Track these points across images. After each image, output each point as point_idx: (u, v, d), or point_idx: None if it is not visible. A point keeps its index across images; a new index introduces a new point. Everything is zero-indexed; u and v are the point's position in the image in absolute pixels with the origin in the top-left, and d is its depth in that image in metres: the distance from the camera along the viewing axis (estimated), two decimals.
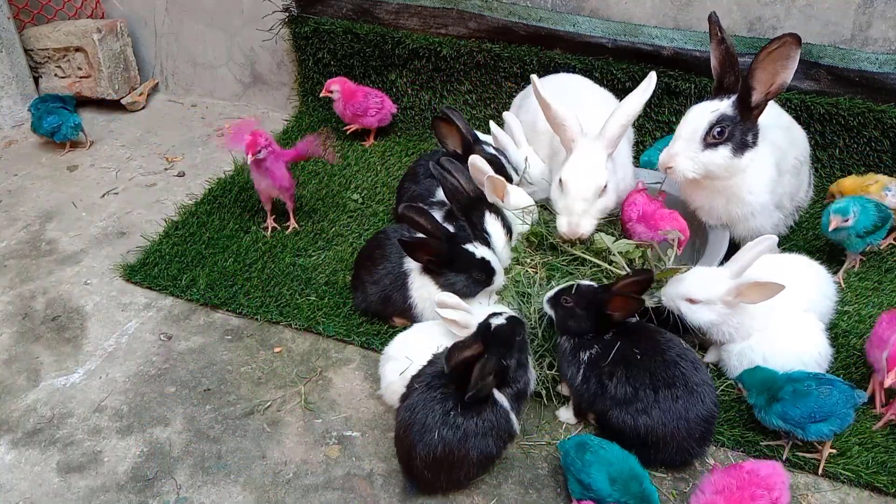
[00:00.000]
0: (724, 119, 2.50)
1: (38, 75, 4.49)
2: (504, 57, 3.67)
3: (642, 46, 3.41)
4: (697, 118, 2.54)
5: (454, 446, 2.07)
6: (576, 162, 2.65)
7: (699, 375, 2.18)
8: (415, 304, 2.64)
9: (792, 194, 2.85)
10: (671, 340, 2.25)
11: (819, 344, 2.37)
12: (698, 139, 2.53)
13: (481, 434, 2.10)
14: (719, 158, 2.53)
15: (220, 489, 2.26)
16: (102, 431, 2.46)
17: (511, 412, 2.19)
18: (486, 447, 2.13)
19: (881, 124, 3.17)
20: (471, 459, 2.11)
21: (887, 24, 3.10)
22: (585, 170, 2.62)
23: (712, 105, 2.54)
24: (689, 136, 2.54)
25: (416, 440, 2.08)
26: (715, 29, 2.54)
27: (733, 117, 2.50)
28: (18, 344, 2.83)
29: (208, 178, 3.79)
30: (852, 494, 2.18)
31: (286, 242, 3.24)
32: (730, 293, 2.29)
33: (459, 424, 2.07)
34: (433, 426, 2.06)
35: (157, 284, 3.05)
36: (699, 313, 2.35)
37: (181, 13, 4.43)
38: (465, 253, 2.53)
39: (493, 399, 2.15)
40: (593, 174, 2.62)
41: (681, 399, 2.13)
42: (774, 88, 2.46)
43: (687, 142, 2.55)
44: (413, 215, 2.55)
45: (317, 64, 4.13)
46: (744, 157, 2.54)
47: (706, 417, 2.17)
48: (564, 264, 2.68)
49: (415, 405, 2.11)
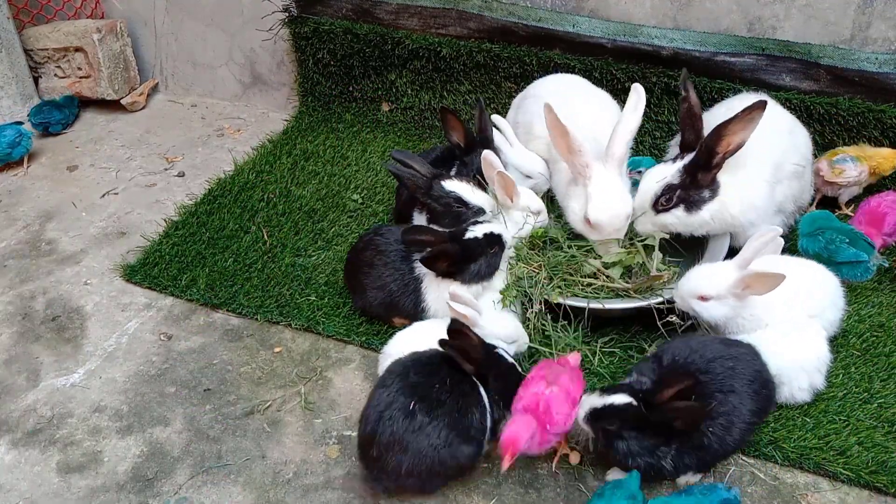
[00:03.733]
0: (669, 189, 2.59)
1: (37, 75, 4.49)
2: (504, 57, 3.67)
3: (642, 46, 3.40)
4: (645, 189, 2.65)
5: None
6: (599, 198, 2.58)
7: (737, 349, 2.18)
8: (429, 308, 2.63)
9: (795, 197, 2.85)
10: (689, 356, 2.16)
11: (819, 350, 2.37)
12: (648, 207, 2.64)
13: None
14: (672, 219, 2.63)
15: (220, 489, 2.26)
16: (102, 431, 2.46)
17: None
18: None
19: (881, 124, 3.17)
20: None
21: (887, 24, 3.10)
22: (612, 204, 2.58)
23: (661, 173, 2.62)
24: (641, 204, 2.66)
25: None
26: (683, 85, 2.64)
27: (680, 184, 2.58)
28: (18, 344, 2.83)
29: (208, 178, 3.79)
30: (852, 494, 2.18)
31: (286, 242, 3.24)
32: (737, 285, 2.30)
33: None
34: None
35: (157, 284, 3.05)
36: (712, 309, 2.36)
37: (181, 13, 4.43)
38: (471, 242, 2.55)
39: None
40: (621, 207, 2.60)
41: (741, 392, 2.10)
42: (733, 148, 2.50)
43: (642, 209, 2.67)
44: (416, 236, 2.56)
45: (317, 64, 4.13)
46: (702, 210, 2.60)
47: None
48: (566, 267, 2.68)
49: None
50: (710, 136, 2.49)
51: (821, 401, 2.39)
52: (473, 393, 2.16)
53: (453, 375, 2.15)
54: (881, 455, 2.22)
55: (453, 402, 2.10)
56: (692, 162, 2.57)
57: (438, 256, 2.51)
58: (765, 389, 2.17)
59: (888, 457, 2.22)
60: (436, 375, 2.13)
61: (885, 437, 2.28)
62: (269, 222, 3.38)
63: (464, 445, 2.10)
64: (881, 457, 2.22)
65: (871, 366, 2.52)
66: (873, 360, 2.54)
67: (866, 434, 2.29)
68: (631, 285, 2.57)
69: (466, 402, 2.13)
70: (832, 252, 2.75)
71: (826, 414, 2.36)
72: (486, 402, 2.18)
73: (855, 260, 2.75)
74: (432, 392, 2.09)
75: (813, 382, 2.36)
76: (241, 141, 4.14)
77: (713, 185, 2.59)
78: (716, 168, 2.55)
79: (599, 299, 2.55)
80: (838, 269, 2.69)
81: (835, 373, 2.48)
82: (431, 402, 2.07)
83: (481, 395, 2.18)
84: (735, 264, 2.34)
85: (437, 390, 2.10)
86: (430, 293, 2.62)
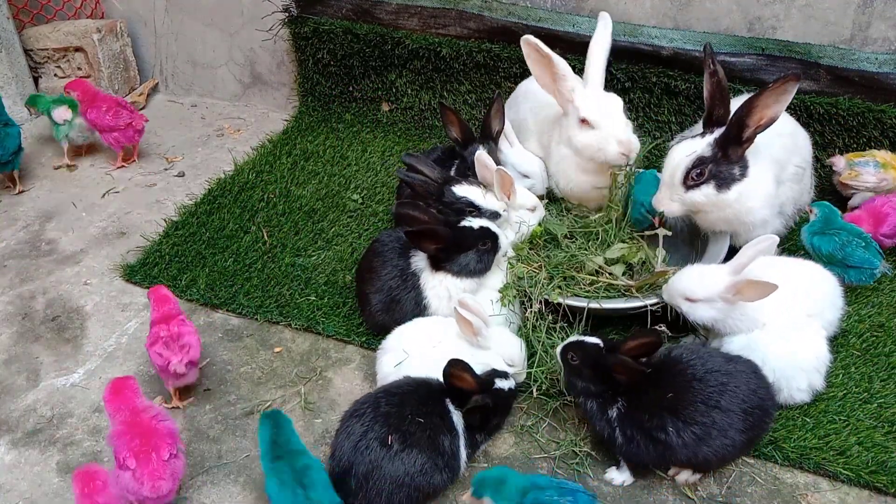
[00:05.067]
0: (701, 161, 2.53)
1: (37, 75, 4.49)
2: (504, 57, 3.67)
3: (641, 46, 3.40)
4: (675, 162, 2.59)
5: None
6: (589, 99, 2.81)
7: (735, 365, 2.16)
8: (429, 304, 2.61)
9: (795, 200, 2.85)
10: (690, 359, 2.17)
11: (818, 350, 2.36)
12: (678, 183, 2.58)
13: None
14: (702, 197, 2.57)
15: (220, 489, 2.26)
16: (102, 431, 2.45)
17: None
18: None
19: (881, 124, 3.17)
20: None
21: (887, 24, 3.10)
22: (602, 99, 2.83)
23: (690, 147, 2.56)
24: (670, 180, 2.61)
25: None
26: (709, 60, 2.57)
27: (712, 157, 2.53)
28: (18, 344, 2.83)
29: (208, 178, 3.79)
30: (852, 494, 2.18)
31: (286, 242, 3.24)
32: (728, 290, 2.28)
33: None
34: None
35: (156, 284, 3.05)
36: (699, 311, 2.35)
37: (181, 13, 4.43)
38: (465, 229, 2.55)
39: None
40: (611, 100, 2.84)
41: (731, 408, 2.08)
42: (765, 122, 2.46)
43: (669, 186, 2.61)
44: (408, 211, 2.56)
45: (317, 64, 4.13)
46: (731, 190, 2.55)
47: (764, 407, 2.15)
48: (566, 268, 2.69)
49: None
50: (741, 108, 2.44)
51: (821, 401, 2.39)
52: (444, 420, 2.18)
53: (425, 404, 2.17)
54: (881, 455, 2.22)
55: (423, 431, 2.11)
56: (723, 135, 2.51)
57: (427, 234, 2.50)
58: (758, 410, 2.13)
59: (888, 457, 2.22)
60: (406, 405, 2.15)
61: (885, 437, 2.28)
62: (269, 222, 3.38)
63: (436, 473, 2.12)
64: (881, 457, 2.22)
65: (871, 366, 2.52)
66: (873, 360, 2.54)
67: (866, 434, 2.29)
68: (635, 283, 2.57)
69: (436, 430, 2.14)
70: (847, 255, 2.73)
71: (826, 414, 2.36)
72: (458, 429, 2.20)
73: (868, 266, 2.75)
74: (404, 422, 2.11)
75: (812, 383, 2.35)
76: (241, 141, 4.14)
77: (743, 162, 2.54)
78: (747, 142, 2.49)
79: (598, 299, 2.55)
80: (845, 272, 2.68)
81: (835, 373, 2.48)
82: (404, 432, 2.09)
83: (453, 421, 2.19)
84: (729, 269, 2.32)
85: (409, 420, 2.11)
86: (430, 289, 2.61)
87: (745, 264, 2.30)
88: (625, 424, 2.15)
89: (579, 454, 2.30)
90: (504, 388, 2.30)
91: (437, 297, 2.59)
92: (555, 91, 2.87)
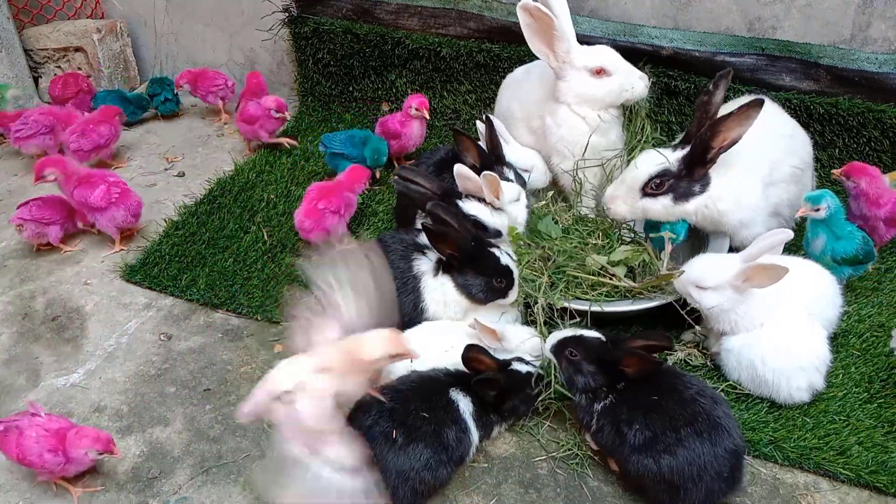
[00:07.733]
0: (665, 174, 2.58)
1: (37, 75, 4.49)
2: (504, 57, 3.67)
3: (641, 46, 3.40)
4: (641, 167, 2.62)
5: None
6: (585, 49, 2.89)
7: (720, 409, 2.07)
8: (427, 307, 2.60)
9: (791, 201, 2.84)
10: (687, 378, 2.16)
11: (818, 349, 2.37)
12: (637, 188, 2.62)
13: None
14: (657, 206, 2.63)
15: (220, 489, 2.26)
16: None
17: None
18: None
19: (881, 124, 3.17)
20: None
21: (887, 24, 3.10)
22: (596, 48, 2.92)
23: (660, 157, 2.60)
24: (630, 182, 2.63)
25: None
26: (721, 82, 2.60)
27: (676, 173, 2.58)
28: (18, 344, 2.83)
29: (208, 178, 3.79)
30: (852, 494, 2.18)
31: (286, 242, 3.24)
32: (738, 277, 2.29)
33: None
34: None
35: (157, 284, 3.05)
36: (709, 299, 2.36)
37: (181, 13, 4.44)
38: (491, 256, 2.50)
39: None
40: (607, 49, 2.93)
41: (705, 433, 2.01)
42: (728, 143, 2.50)
43: (628, 187, 2.64)
44: (441, 213, 2.51)
45: (317, 64, 4.13)
46: (689, 202, 2.60)
47: (734, 451, 2.03)
48: (566, 268, 2.69)
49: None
50: (705, 129, 2.49)
51: (821, 401, 2.39)
52: (449, 412, 2.18)
53: (430, 398, 2.18)
54: (881, 455, 2.22)
55: (428, 425, 2.12)
56: (689, 154, 2.57)
57: (450, 238, 2.46)
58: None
59: (888, 457, 2.22)
60: (411, 401, 2.16)
61: (885, 437, 2.28)
62: (269, 222, 3.38)
63: (441, 467, 2.12)
64: (881, 457, 2.22)
65: (871, 366, 2.52)
66: (873, 360, 2.54)
67: (866, 434, 2.29)
68: (639, 285, 2.57)
69: (441, 423, 2.14)
70: (867, 252, 2.70)
71: (826, 414, 2.36)
72: (465, 418, 2.20)
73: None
74: (409, 417, 2.11)
75: (812, 382, 2.35)
76: (240, 141, 4.13)
77: (704, 180, 2.60)
78: (710, 162, 2.55)
79: (600, 302, 2.55)
80: (842, 270, 2.68)
81: (835, 373, 2.48)
82: (409, 426, 2.10)
83: (459, 410, 2.20)
84: (740, 258, 2.34)
85: (414, 415, 2.12)
86: (428, 292, 2.60)
87: (756, 255, 2.30)
88: (604, 415, 2.16)
89: (580, 454, 2.30)
90: (521, 370, 2.29)
91: (435, 301, 2.59)
92: (549, 55, 2.88)
